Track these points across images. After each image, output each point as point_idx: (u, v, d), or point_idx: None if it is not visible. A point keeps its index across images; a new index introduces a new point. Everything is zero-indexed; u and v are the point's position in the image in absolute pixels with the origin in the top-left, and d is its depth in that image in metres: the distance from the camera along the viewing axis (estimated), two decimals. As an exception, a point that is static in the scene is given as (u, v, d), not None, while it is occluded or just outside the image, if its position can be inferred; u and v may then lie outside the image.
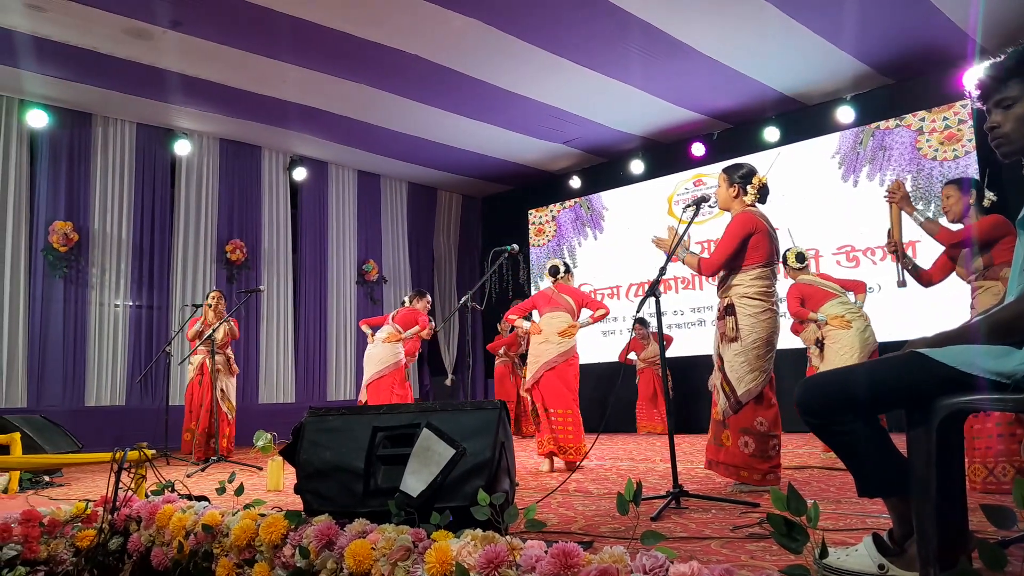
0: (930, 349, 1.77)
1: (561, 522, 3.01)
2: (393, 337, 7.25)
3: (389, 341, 7.26)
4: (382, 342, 7.28)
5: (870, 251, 8.30)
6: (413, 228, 11.98)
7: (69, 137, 8.64)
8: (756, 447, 3.72)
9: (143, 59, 7.43)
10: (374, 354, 7.34)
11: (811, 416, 1.86)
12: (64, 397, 8.30)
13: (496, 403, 2.68)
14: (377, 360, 7.29)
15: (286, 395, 10.03)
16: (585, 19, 6.88)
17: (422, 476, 2.49)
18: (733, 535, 2.59)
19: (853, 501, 3.21)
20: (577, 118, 9.34)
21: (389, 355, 7.28)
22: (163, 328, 9.11)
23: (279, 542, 2.40)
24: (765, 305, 3.80)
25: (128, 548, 2.97)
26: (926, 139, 8.09)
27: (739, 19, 6.95)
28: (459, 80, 8.08)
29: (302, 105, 8.69)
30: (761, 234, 3.81)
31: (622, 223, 10.64)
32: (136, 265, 9.01)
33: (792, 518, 1.54)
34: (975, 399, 1.69)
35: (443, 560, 1.93)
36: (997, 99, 1.86)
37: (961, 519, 1.76)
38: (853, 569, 1.88)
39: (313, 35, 6.98)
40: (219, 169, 9.80)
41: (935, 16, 6.91)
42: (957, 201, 3.80)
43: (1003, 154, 1.88)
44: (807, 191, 8.86)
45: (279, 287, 10.19)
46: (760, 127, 9.25)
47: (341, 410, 2.81)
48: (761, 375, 3.77)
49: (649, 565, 1.62)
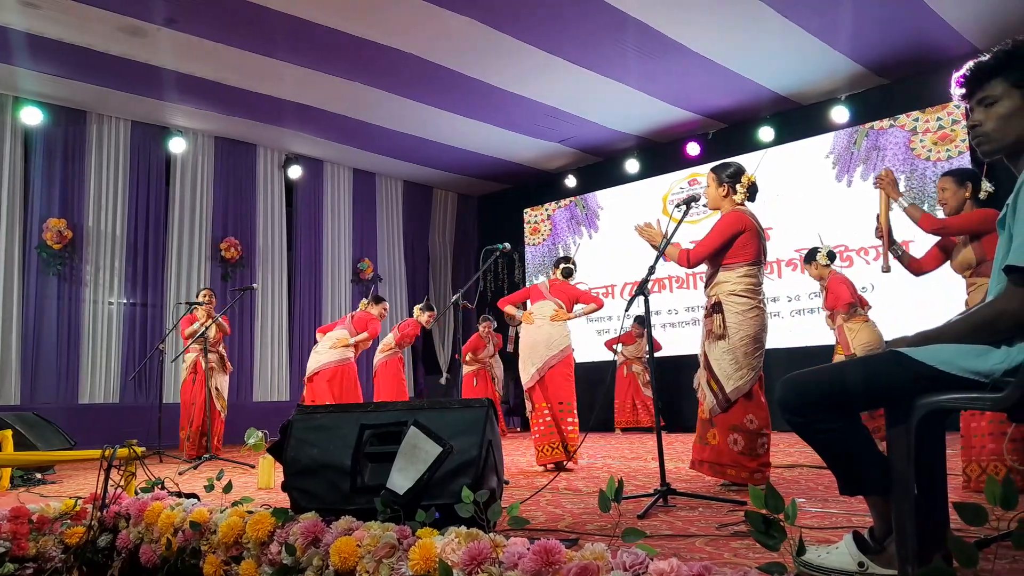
0: (910, 348, 1.78)
1: (549, 520, 3.02)
2: (340, 343, 7.06)
3: (336, 348, 7.07)
4: (328, 348, 7.09)
5: (863, 251, 8.32)
6: (408, 227, 11.98)
7: (64, 134, 8.63)
8: (745, 445, 3.73)
9: (138, 56, 7.43)
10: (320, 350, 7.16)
11: (792, 414, 1.86)
12: (58, 394, 8.30)
13: (484, 401, 2.68)
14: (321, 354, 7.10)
15: (281, 393, 10.03)
16: (581, 18, 6.89)
17: (409, 474, 2.50)
18: (718, 533, 2.60)
19: (841, 500, 3.22)
20: (573, 117, 9.36)
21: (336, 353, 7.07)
22: (157, 326, 9.11)
23: (266, 539, 2.41)
24: (752, 303, 3.81)
25: (117, 545, 2.97)
26: (920, 139, 8.11)
27: (734, 19, 6.97)
28: (455, 79, 8.09)
29: (298, 103, 8.70)
30: (750, 233, 3.82)
31: (617, 222, 10.65)
32: (130, 263, 9.01)
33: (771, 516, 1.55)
34: (953, 398, 1.70)
35: (427, 557, 1.94)
36: (979, 97, 1.87)
37: (940, 518, 1.77)
38: (833, 567, 1.89)
39: (309, 33, 6.99)
40: (214, 167, 9.80)
41: (929, 17, 6.93)
42: (953, 194, 3.70)
43: (983, 152, 1.89)
44: (801, 191, 8.88)
45: (274, 285, 10.19)
46: (755, 127, 9.28)
47: (329, 407, 2.82)
48: (750, 372, 3.77)
49: (629, 562, 1.63)
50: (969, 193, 3.67)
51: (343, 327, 7.28)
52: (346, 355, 7.12)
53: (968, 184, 3.67)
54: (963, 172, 3.76)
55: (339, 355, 7.06)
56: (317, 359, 7.10)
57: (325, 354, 7.07)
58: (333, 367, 7.02)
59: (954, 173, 3.76)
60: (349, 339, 7.13)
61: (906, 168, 8.15)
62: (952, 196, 3.72)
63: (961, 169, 3.82)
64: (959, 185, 3.69)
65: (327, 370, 7.00)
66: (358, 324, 7.25)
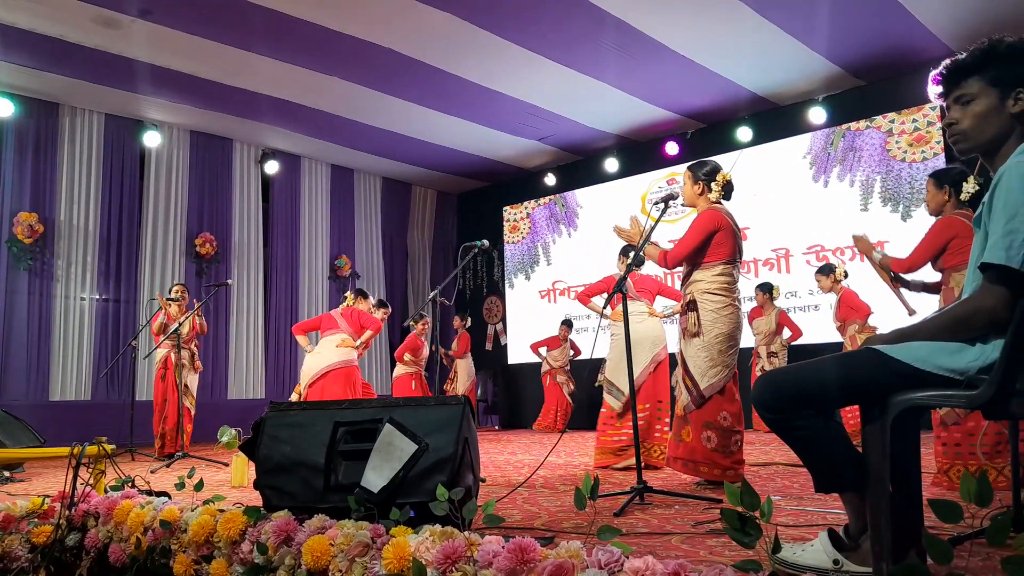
0: (886, 346, 1.79)
1: (524, 518, 3.01)
2: (347, 344, 6.51)
3: (344, 346, 6.49)
4: (334, 348, 6.46)
5: (839, 251, 8.39)
6: (387, 224, 11.92)
7: (35, 127, 8.49)
8: (719, 442, 3.74)
9: (112, 48, 7.32)
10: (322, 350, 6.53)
11: (768, 411, 1.86)
12: (28, 391, 8.16)
13: (460, 398, 2.66)
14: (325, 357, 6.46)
15: (255, 391, 9.94)
16: (561, 16, 6.88)
17: (383, 472, 2.47)
18: (694, 531, 2.60)
19: (816, 497, 3.24)
20: (553, 115, 9.35)
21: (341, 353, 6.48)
22: (130, 322, 8.98)
23: (237, 538, 2.38)
24: (727, 300, 3.82)
25: (85, 544, 2.92)
26: (895, 140, 8.19)
27: (714, 19, 6.99)
28: (434, 75, 8.05)
29: (275, 98, 8.61)
30: (725, 231, 3.83)
31: (596, 221, 10.67)
32: (103, 258, 8.88)
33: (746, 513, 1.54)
34: (929, 396, 1.71)
35: (400, 556, 1.92)
36: (956, 95, 1.88)
37: (915, 515, 1.78)
38: (808, 564, 1.89)
39: (286, 26, 6.91)
40: (189, 161, 9.68)
41: (906, 19, 6.99)
42: (932, 197, 3.75)
43: (960, 151, 1.90)
44: (778, 191, 8.95)
45: (249, 282, 10.09)
46: (733, 127, 9.32)
47: (303, 405, 2.78)
48: (724, 370, 3.79)
49: (604, 560, 1.62)
50: (947, 196, 3.70)
51: (337, 329, 6.61)
52: (351, 355, 6.55)
53: (946, 187, 3.70)
54: (943, 175, 3.77)
55: (345, 356, 6.47)
56: (320, 360, 6.45)
57: (330, 354, 6.45)
58: (340, 368, 6.41)
59: (935, 175, 3.80)
60: (356, 340, 6.60)
61: (882, 169, 8.23)
62: (932, 199, 3.77)
63: (942, 171, 3.83)
64: (938, 188, 3.73)
65: (336, 371, 6.38)
66: (354, 324, 6.65)
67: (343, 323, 6.65)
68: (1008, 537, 1.30)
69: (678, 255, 3.90)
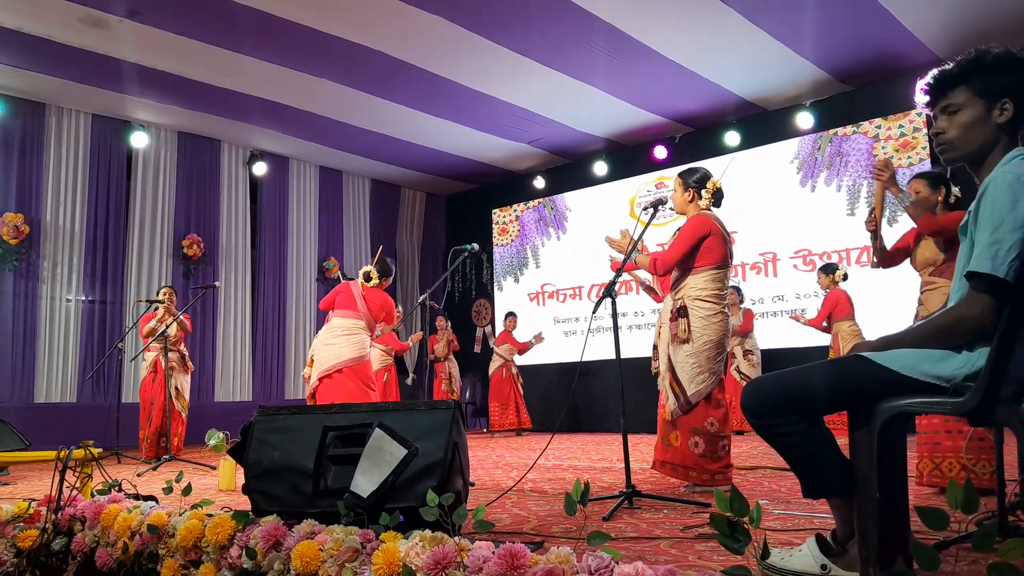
0: (873, 352, 1.81)
1: (514, 522, 3.01)
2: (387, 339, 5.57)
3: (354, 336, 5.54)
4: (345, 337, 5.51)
5: (826, 255, 8.44)
6: (376, 226, 11.89)
7: (22, 127, 8.42)
8: (706, 447, 3.76)
9: (99, 48, 7.27)
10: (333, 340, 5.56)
11: (756, 417, 1.88)
12: (13, 394, 8.08)
13: (450, 403, 2.66)
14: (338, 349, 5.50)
15: (243, 393, 9.89)
16: (550, 20, 6.89)
17: (373, 476, 2.47)
18: (683, 535, 2.61)
19: (804, 502, 3.25)
20: (542, 118, 9.36)
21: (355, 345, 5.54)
22: (116, 324, 8.92)
23: (226, 543, 2.37)
24: (717, 307, 3.84)
25: (72, 549, 2.90)
26: (882, 146, 8.25)
27: (702, 24, 7.02)
28: (423, 77, 8.04)
29: (263, 99, 8.58)
30: (715, 237, 3.85)
31: (585, 224, 10.69)
32: (89, 259, 8.81)
33: (735, 519, 1.55)
34: (915, 402, 1.73)
35: (390, 561, 1.91)
36: (943, 105, 1.90)
37: (902, 520, 1.79)
38: (796, 569, 1.90)
39: (274, 28, 6.89)
40: (177, 162, 9.63)
41: (893, 25, 7.05)
42: (927, 197, 3.73)
43: (947, 160, 1.92)
44: (766, 195, 8.99)
45: (237, 284, 10.04)
46: (721, 131, 9.37)
47: (292, 409, 2.77)
48: (711, 376, 3.81)
49: (594, 566, 1.63)
50: (942, 196, 3.72)
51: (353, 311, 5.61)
52: (365, 346, 5.63)
53: (941, 188, 3.72)
54: (937, 175, 3.79)
55: (359, 350, 5.54)
56: (332, 353, 5.48)
57: (344, 347, 5.49)
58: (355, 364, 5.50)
59: (927, 175, 3.80)
60: (377, 331, 5.75)
61: (868, 174, 8.29)
62: (926, 199, 3.76)
63: (935, 171, 3.85)
64: (932, 188, 3.74)
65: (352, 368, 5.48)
66: (375, 308, 5.67)
67: (362, 305, 5.66)
68: (994, 543, 1.31)
69: (668, 261, 3.91)
